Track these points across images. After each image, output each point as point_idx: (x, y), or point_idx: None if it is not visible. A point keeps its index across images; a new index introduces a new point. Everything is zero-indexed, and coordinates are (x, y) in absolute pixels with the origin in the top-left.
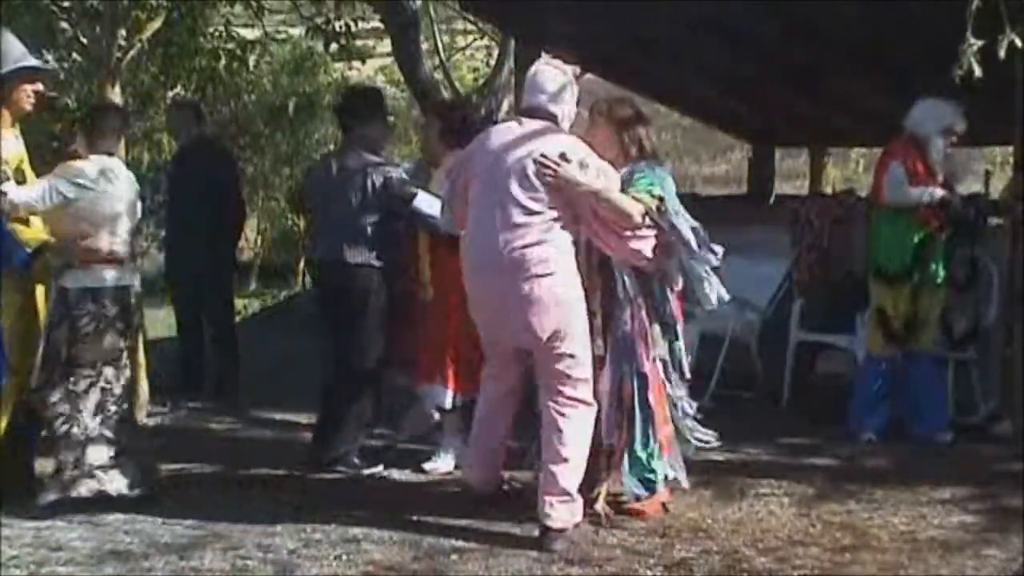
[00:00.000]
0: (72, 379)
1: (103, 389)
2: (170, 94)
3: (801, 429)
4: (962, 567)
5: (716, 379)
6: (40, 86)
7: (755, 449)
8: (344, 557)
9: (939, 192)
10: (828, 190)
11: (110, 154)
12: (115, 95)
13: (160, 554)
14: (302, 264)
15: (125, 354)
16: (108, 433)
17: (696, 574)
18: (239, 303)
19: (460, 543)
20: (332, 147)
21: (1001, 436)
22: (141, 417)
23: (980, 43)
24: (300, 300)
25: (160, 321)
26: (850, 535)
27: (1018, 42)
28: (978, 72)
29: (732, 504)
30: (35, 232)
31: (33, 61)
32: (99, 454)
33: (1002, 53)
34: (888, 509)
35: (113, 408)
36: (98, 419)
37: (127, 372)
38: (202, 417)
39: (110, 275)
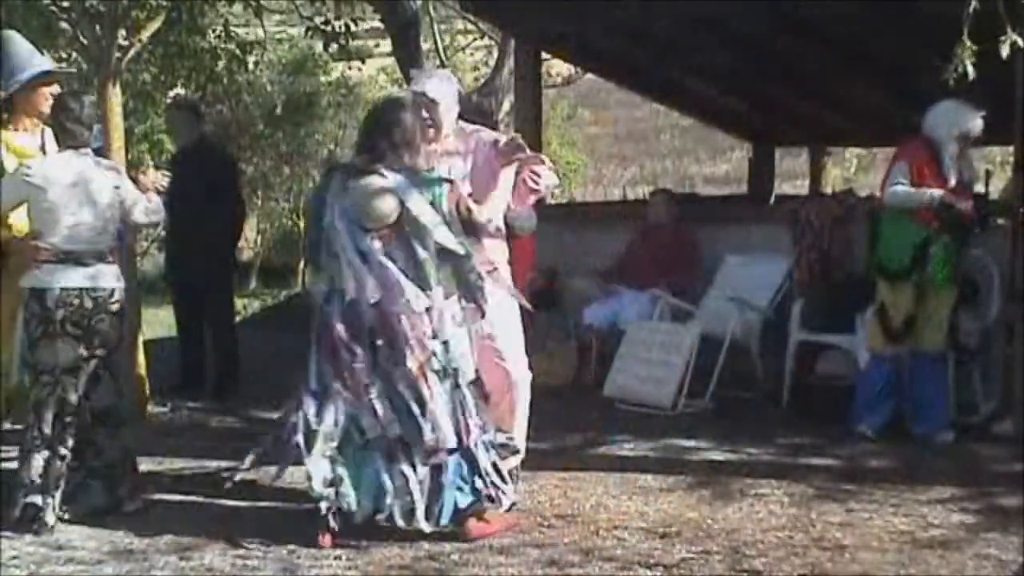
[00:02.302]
0: (36, 386)
1: (61, 400)
2: (170, 94)
3: (801, 429)
4: (962, 567)
5: (716, 379)
6: (56, 88)
7: (755, 449)
8: (344, 557)
9: (938, 193)
10: (828, 190)
11: (78, 148)
12: (115, 95)
13: (160, 554)
14: (303, 264)
15: (90, 366)
16: (63, 450)
17: (696, 574)
18: (239, 303)
19: (460, 543)
20: (333, 147)
21: (1002, 436)
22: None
23: (975, 48)
24: (300, 300)
25: (160, 321)
26: (850, 535)
27: (1020, 42)
28: (972, 74)
29: (732, 504)
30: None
31: (48, 65)
32: (56, 470)
33: (1005, 53)
34: (888, 509)
35: (69, 420)
36: (56, 431)
37: (98, 388)
38: (202, 417)
39: (56, 276)
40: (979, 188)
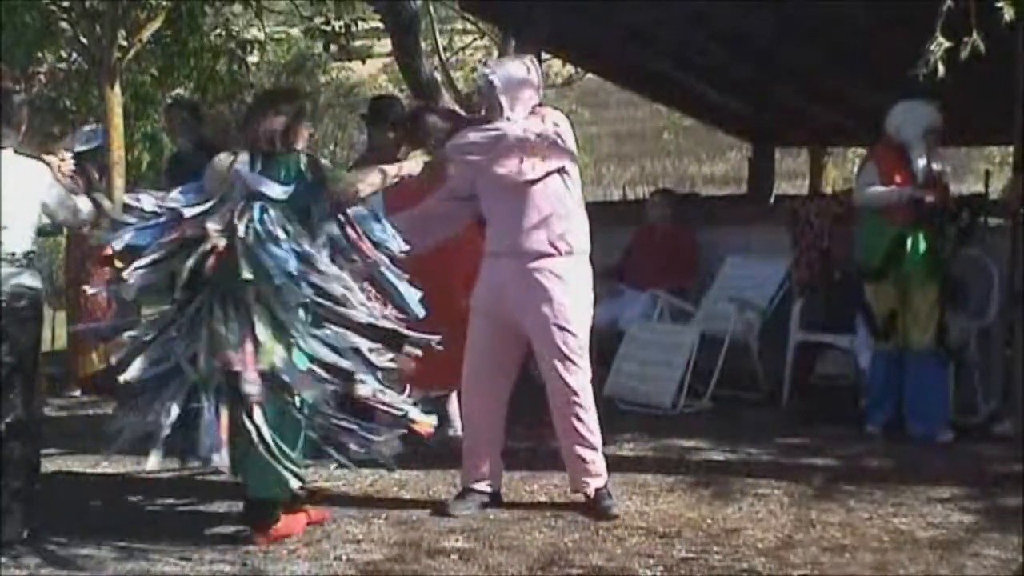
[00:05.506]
0: None
1: None
2: (171, 95)
3: (801, 429)
4: (961, 567)
5: (716, 379)
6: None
7: (755, 449)
8: (344, 557)
9: (907, 191)
10: (828, 190)
11: None
12: (115, 95)
13: (160, 554)
14: None
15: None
16: None
17: (696, 574)
18: None
19: (460, 543)
20: (332, 147)
21: (1002, 436)
22: None
23: (948, 44)
24: None
25: None
26: (850, 535)
27: (981, 46)
28: (942, 71)
29: (732, 504)
30: None
31: None
32: None
33: (963, 55)
34: (888, 509)
35: None
36: None
37: (9, 397)
38: None
39: None
40: (979, 188)
